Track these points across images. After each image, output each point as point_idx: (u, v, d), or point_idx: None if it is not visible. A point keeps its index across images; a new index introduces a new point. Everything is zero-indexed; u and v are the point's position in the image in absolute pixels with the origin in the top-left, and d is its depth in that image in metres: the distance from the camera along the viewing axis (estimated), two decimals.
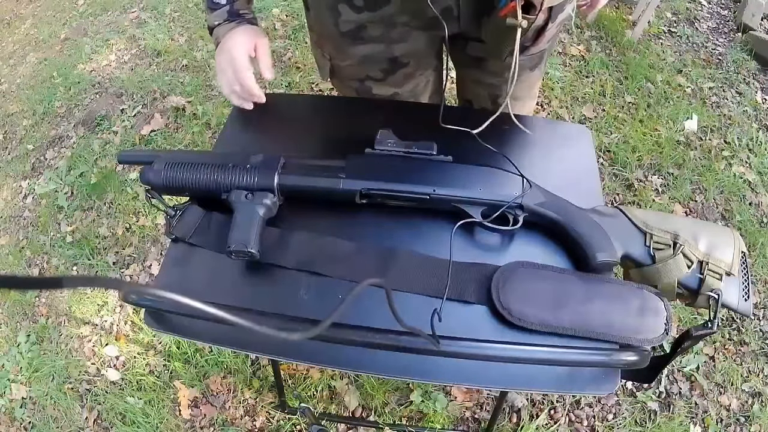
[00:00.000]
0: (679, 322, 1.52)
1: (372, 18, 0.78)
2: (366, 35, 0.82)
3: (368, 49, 0.84)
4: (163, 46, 2.45)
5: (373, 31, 0.81)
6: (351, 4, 0.77)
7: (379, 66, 0.88)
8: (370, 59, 0.86)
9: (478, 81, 0.97)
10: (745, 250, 0.65)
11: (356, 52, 0.85)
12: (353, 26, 0.80)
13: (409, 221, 0.71)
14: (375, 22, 0.79)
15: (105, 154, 2.06)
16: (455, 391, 1.43)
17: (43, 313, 1.67)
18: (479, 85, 0.98)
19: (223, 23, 0.82)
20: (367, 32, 0.81)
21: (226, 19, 0.82)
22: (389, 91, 0.93)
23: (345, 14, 0.78)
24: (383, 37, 0.82)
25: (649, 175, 1.89)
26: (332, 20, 0.80)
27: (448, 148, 0.70)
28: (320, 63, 0.94)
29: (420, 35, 0.83)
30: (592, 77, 2.18)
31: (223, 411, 1.43)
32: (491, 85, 0.96)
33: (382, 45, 0.84)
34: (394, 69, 0.89)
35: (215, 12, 0.83)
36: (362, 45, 0.83)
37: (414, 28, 0.81)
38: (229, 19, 0.82)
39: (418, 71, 0.92)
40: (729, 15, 2.51)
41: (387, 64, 0.88)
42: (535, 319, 0.61)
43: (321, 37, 0.89)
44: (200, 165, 0.68)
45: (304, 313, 0.61)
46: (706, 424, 1.40)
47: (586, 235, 0.66)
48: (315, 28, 0.89)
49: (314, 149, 0.68)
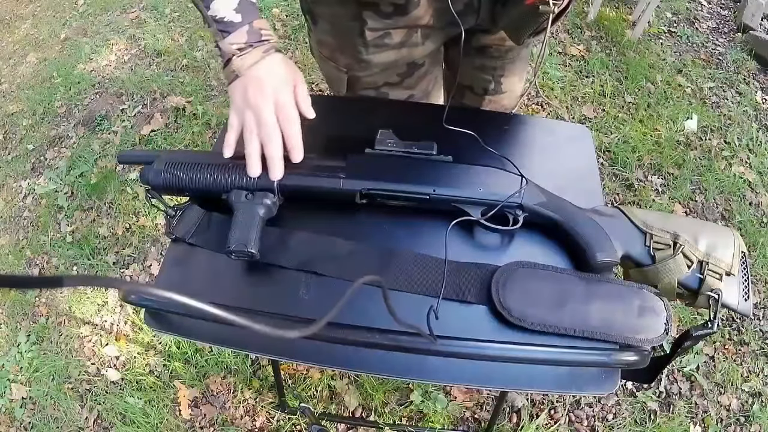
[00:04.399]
0: (679, 322, 1.52)
1: (398, 23, 0.77)
2: (390, 42, 0.80)
3: (391, 55, 0.82)
4: (163, 46, 2.45)
5: (396, 36, 0.79)
6: (377, 10, 0.74)
7: (398, 71, 0.87)
8: (392, 65, 0.85)
9: (481, 67, 0.97)
10: (745, 250, 0.65)
11: (379, 60, 0.82)
12: (380, 33, 0.78)
13: (409, 221, 0.71)
14: (399, 28, 0.78)
15: (105, 154, 2.06)
16: (455, 391, 1.43)
17: (43, 313, 1.67)
18: (482, 70, 0.97)
19: (246, 49, 0.63)
20: (391, 38, 0.79)
21: (247, 42, 0.63)
22: (404, 94, 0.92)
23: (371, 22, 0.76)
24: (405, 42, 0.81)
25: (649, 175, 1.89)
26: (357, 30, 0.77)
27: (448, 148, 0.70)
28: (334, 77, 0.89)
29: (438, 35, 0.83)
30: (592, 77, 2.18)
31: (223, 411, 1.43)
32: (493, 68, 0.96)
33: (404, 49, 0.82)
34: (411, 72, 0.87)
35: (230, 35, 0.63)
36: (386, 52, 0.81)
37: (435, 29, 0.80)
38: (252, 44, 0.64)
39: (430, 70, 0.92)
40: (729, 15, 2.51)
41: (405, 68, 0.86)
42: (536, 319, 0.61)
43: (336, 50, 0.85)
44: (200, 165, 0.68)
45: (304, 313, 0.61)
46: (706, 424, 1.40)
47: (586, 235, 0.66)
48: (327, 42, 0.85)
49: (314, 149, 0.68)
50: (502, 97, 1.01)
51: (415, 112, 0.91)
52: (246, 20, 0.63)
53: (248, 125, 0.64)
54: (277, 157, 0.64)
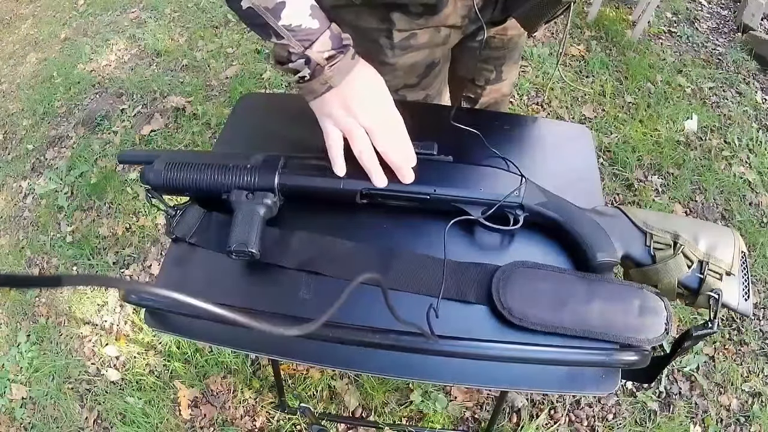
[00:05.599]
0: (679, 322, 1.52)
1: (427, 23, 0.76)
2: (416, 42, 0.79)
3: (416, 56, 0.81)
4: (163, 46, 2.45)
5: (422, 37, 0.78)
6: (407, 11, 0.73)
7: (418, 72, 0.86)
8: (414, 67, 0.84)
9: (485, 59, 0.97)
10: (745, 250, 0.65)
11: (404, 62, 0.81)
12: (407, 34, 0.77)
13: (410, 221, 0.71)
14: (427, 27, 0.77)
15: (105, 154, 2.06)
16: (455, 391, 1.43)
17: (43, 313, 1.67)
18: (485, 62, 0.98)
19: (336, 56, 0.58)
20: (417, 39, 0.78)
21: (334, 48, 0.58)
22: (421, 95, 0.92)
23: (399, 23, 0.75)
24: (430, 42, 0.80)
25: (649, 175, 1.89)
26: (385, 32, 0.76)
27: (448, 148, 0.70)
28: None
29: (457, 33, 0.82)
30: (592, 77, 2.18)
31: (223, 411, 1.43)
32: (496, 59, 0.97)
33: (428, 50, 0.81)
34: (428, 72, 0.87)
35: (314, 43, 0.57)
36: (411, 53, 0.80)
37: (457, 27, 0.80)
38: (339, 49, 0.59)
39: (442, 69, 0.92)
40: (729, 15, 2.51)
41: (423, 69, 0.86)
42: (536, 319, 0.61)
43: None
44: (200, 165, 0.68)
45: (305, 313, 0.61)
46: (706, 424, 1.40)
47: (587, 235, 0.66)
48: None
49: (314, 149, 0.68)
50: (501, 85, 1.03)
51: (415, 112, 0.91)
52: (324, 25, 0.58)
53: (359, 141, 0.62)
54: (407, 162, 0.65)
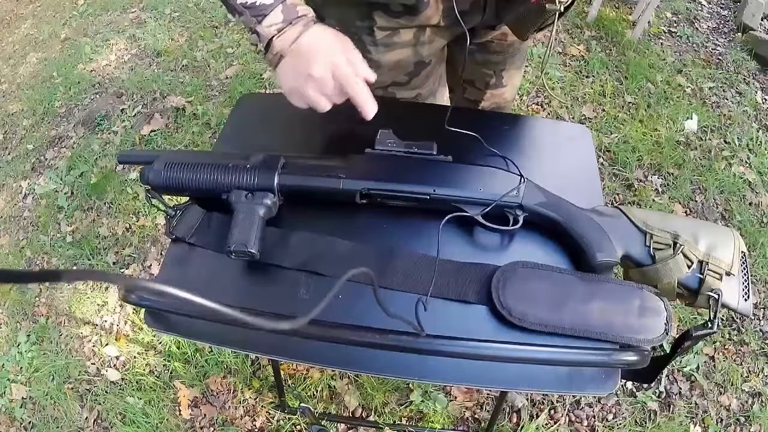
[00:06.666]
0: (679, 322, 1.52)
1: (409, 23, 0.77)
2: (399, 40, 0.80)
3: (400, 54, 0.83)
4: (163, 46, 2.45)
5: (405, 35, 0.80)
6: (387, 10, 0.75)
7: (406, 70, 0.87)
8: (400, 64, 0.85)
9: (483, 62, 0.97)
10: (745, 250, 0.65)
11: (388, 59, 0.83)
12: (388, 32, 0.78)
13: (409, 221, 0.71)
14: (409, 27, 0.78)
15: (105, 154, 2.06)
16: (455, 391, 1.43)
17: (43, 313, 1.67)
18: (484, 65, 0.98)
19: (285, 28, 0.62)
20: (400, 37, 0.80)
21: (284, 21, 0.63)
22: (412, 94, 0.92)
23: (380, 21, 0.77)
24: (414, 41, 0.81)
25: (649, 175, 1.89)
26: (366, 30, 0.78)
27: (448, 148, 0.70)
28: None
29: (445, 34, 0.83)
30: (592, 77, 2.18)
31: (223, 411, 1.43)
32: (495, 63, 0.97)
33: (413, 48, 0.82)
34: (418, 71, 0.88)
35: (266, 17, 0.62)
36: (395, 50, 0.82)
37: (442, 28, 0.80)
38: (290, 21, 0.63)
39: (435, 68, 0.92)
40: (729, 15, 2.51)
41: (412, 67, 0.87)
42: (535, 319, 0.61)
43: None
44: (200, 165, 0.68)
45: (305, 313, 0.61)
46: (706, 424, 1.40)
47: (586, 235, 0.66)
48: None
49: (314, 149, 0.68)
50: (503, 91, 1.03)
51: (415, 112, 0.91)
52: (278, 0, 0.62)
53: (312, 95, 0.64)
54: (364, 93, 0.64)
